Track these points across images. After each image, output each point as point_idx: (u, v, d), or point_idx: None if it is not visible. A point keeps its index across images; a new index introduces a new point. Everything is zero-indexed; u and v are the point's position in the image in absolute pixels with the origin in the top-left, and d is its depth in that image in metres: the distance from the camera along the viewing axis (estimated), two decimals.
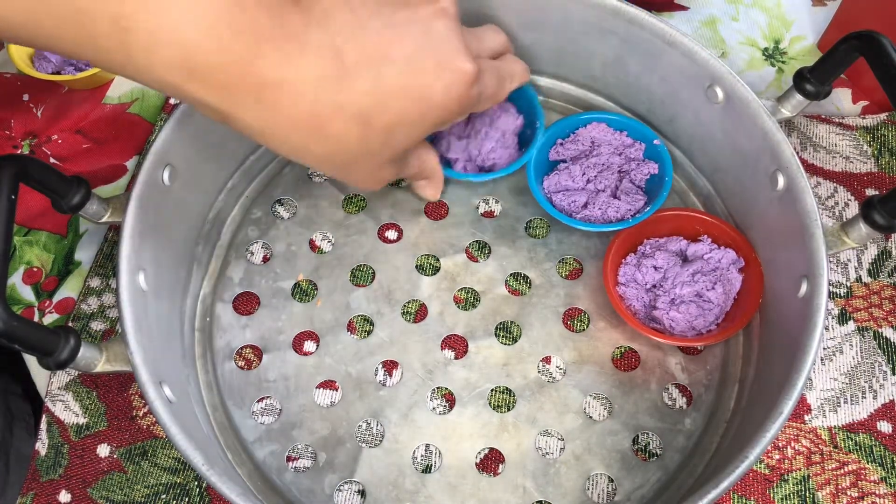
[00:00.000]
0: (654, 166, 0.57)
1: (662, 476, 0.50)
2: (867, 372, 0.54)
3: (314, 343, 0.55)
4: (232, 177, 0.59)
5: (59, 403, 0.54)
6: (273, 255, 0.58)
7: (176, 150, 0.51)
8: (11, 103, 0.67)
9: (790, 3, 0.71)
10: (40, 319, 0.58)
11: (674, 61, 0.54)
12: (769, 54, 0.68)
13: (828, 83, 0.52)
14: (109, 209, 0.50)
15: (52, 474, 0.52)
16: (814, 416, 0.53)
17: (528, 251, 0.58)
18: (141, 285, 0.48)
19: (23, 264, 0.60)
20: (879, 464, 0.51)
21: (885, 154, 0.62)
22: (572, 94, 0.63)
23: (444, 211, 0.60)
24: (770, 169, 0.50)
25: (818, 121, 0.63)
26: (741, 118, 0.52)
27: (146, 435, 0.53)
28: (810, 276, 0.46)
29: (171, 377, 0.47)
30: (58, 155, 0.64)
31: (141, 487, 0.52)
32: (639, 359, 0.54)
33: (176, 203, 0.53)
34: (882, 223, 0.46)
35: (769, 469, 0.51)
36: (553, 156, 0.59)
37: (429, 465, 0.51)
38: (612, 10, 0.54)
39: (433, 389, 0.53)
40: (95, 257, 0.59)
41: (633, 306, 0.54)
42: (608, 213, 0.56)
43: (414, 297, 0.56)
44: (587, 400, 0.52)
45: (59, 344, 0.42)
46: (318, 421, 0.52)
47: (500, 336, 0.55)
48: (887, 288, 0.57)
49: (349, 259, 0.58)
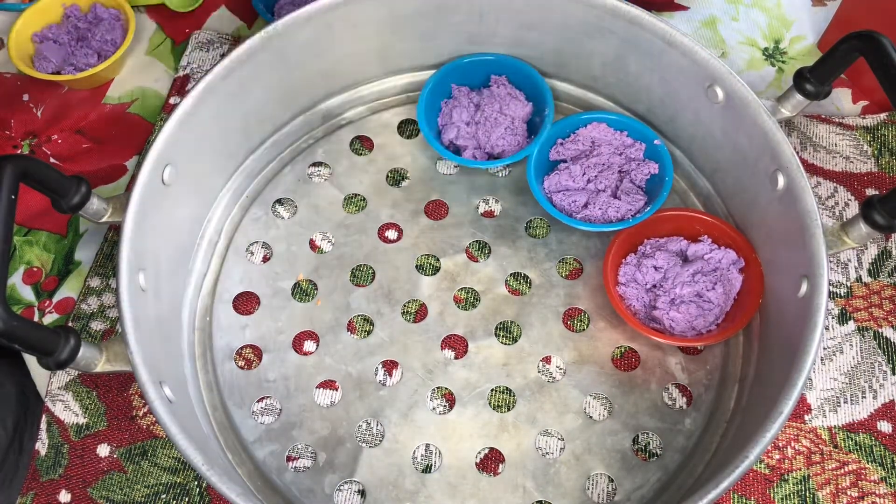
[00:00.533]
0: (654, 166, 0.57)
1: (662, 476, 0.50)
2: (867, 372, 0.54)
3: (314, 343, 0.55)
4: (232, 177, 0.59)
5: (59, 403, 0.54)
6: (273, 255, 0.58)
7: (176, 150, 0.51)
8: (11, 103, 0.67)
9: (790, 3, 0.71)
10: (40, 319, 0.58)
11: (674, 61, 0.54)
12: (769, 54, 0.68)
13: (828, 83, 0.52)
14: (109, 209, 0.50)
15: (52, 474, 0.52)
16: (814, 416, 0.53)
17: (528, 251, 0.58)
18: (141, 285, 0.48)
19: (23, 264, 0.60)
20: (879, 464, 0.51)
21: (885, 154, 0.62)
22: (573, 94, 0.63)
23: (444, 211, 0.60)
24: (770, 169, 0.50)
25: (818, 121, 0.63)
26: (741, 118, 0.52)
27: (146, 435, 0.53)
28: (810, 275, 0.46)
29: (170, 377, 0.47)
30: (58, 155, 0.64)
31: (141, 487, 0.52)
32: (639, 359, 0.54)
33: (176, 203, 0.53)
34: (882, 223, 0.46)
35: (769, 469, 0.51)
36: (553, 155, 0.59)
37: (429, 465, 0.51)
38: (611, 10, 0.54)
39: (433, 389, 0.53)
40: (95, 257, 0.59)
41: (633, 306, 0.54)
42: (608, 212, 0.56)
43: (414, 297, 0.56)
44: (587, 400, 0.52)
45: (59, 344, 0.42)
46: (318, 421, 0.52)
47: (500, 336, 0.55)
48: (887, 288, 0.57)
49: (349, 259, 0.58)
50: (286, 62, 0.56)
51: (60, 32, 0.66)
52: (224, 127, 0.55)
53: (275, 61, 0.55)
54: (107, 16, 0.67)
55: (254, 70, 0.54)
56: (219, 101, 0.53)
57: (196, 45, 0.69)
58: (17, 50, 0.65)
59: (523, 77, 0.61)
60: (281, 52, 0.55)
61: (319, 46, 0.57)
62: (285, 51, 0.55)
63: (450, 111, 0.61)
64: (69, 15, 0.67)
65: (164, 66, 0.69)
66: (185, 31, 0.70)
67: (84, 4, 0.68)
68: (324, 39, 0.57)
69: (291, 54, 0.56)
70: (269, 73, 0.56)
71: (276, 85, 0.57)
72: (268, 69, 0.55)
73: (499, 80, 0.61)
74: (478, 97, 0.61)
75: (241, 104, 0.56)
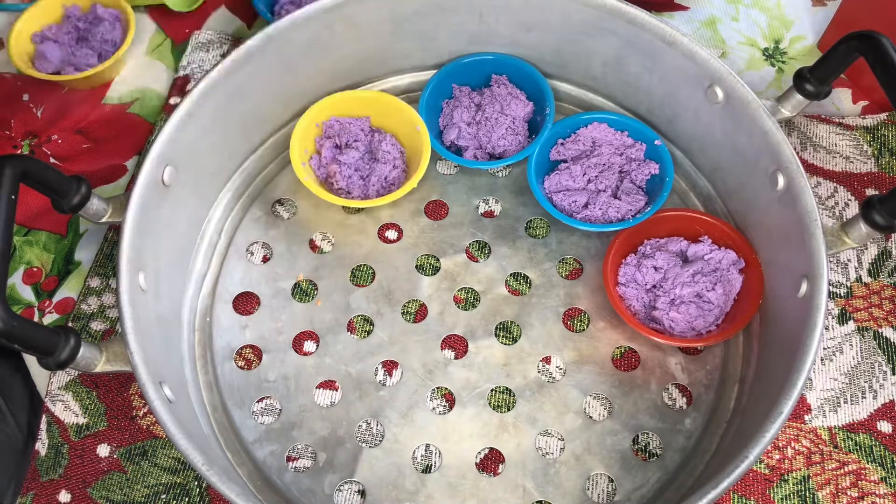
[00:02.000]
0: (654, 166, 0.57)
1: (662, 476, 0.50)
2: (867, 372, 0.54)
3: (314, 343, 0.55)
4: (232, 177, 0.59)
5: (58, 403, 0.54)
6: (273, 255, 0.58)
7: (176, 150, 0.51)
8: (11, 103, 0.67)
9: (790, 3, 0.71)
10: (40, 319, 0.58)
11: (674, 61, 0.54)
12: (769, 54, 0.68)
13: (828, 83, 0.52)
14: (109, 209, 0.50)
15: (51, 474, 0.52)
16: (814, 416, 0.53)
17: (529, 251, 0.58)
18: (141, 285, 0.48)
19: (23, 264, 0.60)
20: (879, 464, 0.51)
21: (885, 154, 0.62)
22: (573, 94, 0.63)
23: (444, 211, 0.60)
24: (770, 169, 0.50)
25: (818, 121, 0.63)
26: (741, 118, 0.52)
27: (146, 435, 0.53)
28: (810, 276, 0.46)
29: (170, 377, 0.47)
30: (58, 155, 0.64)
31: (141, 487, 0.52)
32: (639, 359, 0.54)
33: (176, 203, 0.53)
34: (882, 223, 0.46)
35: (769, 469, 0.51)
36: (554, 156, 0.59)
37: (429, 465, 0.51)
38: (612, 11, 0.54)
39: (433, 389, 0.53)
40: (95, 257, 0.59)
41: (633, 306, 0.54)
42: (609, 213, 0.56)
43: (414, 297, 0.56)
44: (587, 400, 0.52)
45: (59, 344, 0.42)
46: (318, 421, 0.52)
47: (500, 336, 0.55)
48: (887, 288, 0.57)
49: (349, 259, 0.58)
50: (286, 62, 0.56)
51: (60, 32, 0.66)
52: (224, 127, 0.55)
53: (275, 61, 0.55)
54: (107, 16, 0.67)
55: (254, 70, 0.54)
56: (219, 101, 0.53)
57: (196, 45, 0.69)
58: (17, 50, 0.65)
59: (524, 76, 0.61)
60: (281, 52, 0.55)
61: (319, 46, 0.57)
62: (285, 51, 0.55)
63: (451, 111, 0.61)
64: (69, 15, 0.67)
65: (164, 67, 0.69)
66: (185, 31, 0.70)
67: (84, 4, 0.68)
68: (324, 39, 0.57)
69: (291, 54, 0.56)
70: (269, 74, 0.56)
71: (276, 85, 0.57)
72: (268, 69, 0.55)
73: (500, 80, 0.61)
74: (479, 97, 0.61)
75: (241, 104, 0.56)
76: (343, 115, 0.60)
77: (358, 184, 0.58)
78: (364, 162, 0.58)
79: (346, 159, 0.57)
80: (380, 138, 0.59)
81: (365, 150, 0.59)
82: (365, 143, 0.59)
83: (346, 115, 0.60)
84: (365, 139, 0.59)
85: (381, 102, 0.59)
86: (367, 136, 0.59)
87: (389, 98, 0.59)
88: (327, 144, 0.59)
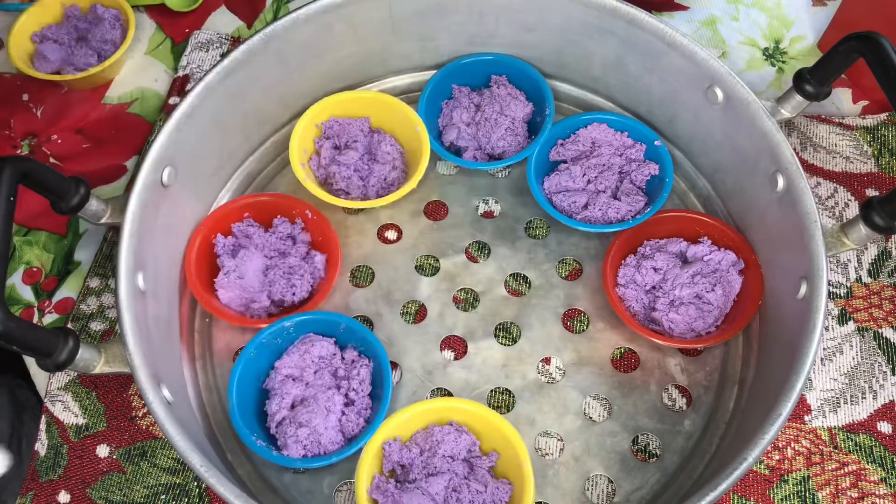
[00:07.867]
0: (654, 167, 0.57)
1: (662, 477, 0.50)
2: (867, 372, 0.54)
3: None
4: (231, 177, 0.59)
5: (58, 404, 0.54)
6: None
7: (175, 150, 0.51)
8: (11, 103, 0.67)
9: (790, 3, 0.71)
10: (40, 319, 0.58)
11: (673, 62, 0.54)
12: (769, 54, 0.68)
13: (828, 84, 0.52)
14: (108, 210, 0.50)
15: (51, 475, 0.52)
16: (814, 417, 0.53)
17: (528, 252, 0.58)
18: (140, 286, 0.48)
19: (23, 264, 0.60)
20: (879, 464, 0.51)
21: (885, 154, 0.62)
22: (573, 94, 0.63)
23: (443, 211, 0.60)
24: (770, 170, 0.50)
25: (818, 121, 0.63)
26: (741, 119, 0.51)
27: (146, 435, 0.53)
28: (810, 277, 0.46)
29: (169, 378, 0.47)
30: (58, 155, 0.64)
31: (140, 488, 0.52)
32: (638, 360, 0.54)
33: (175, 203, 0.53)
34: (882, 224, 0.46)
35: (769, 470, 0.51)
36: (554, 156, 0.59)
37: None
38: (612, 11, 0.54)
39: (432, 390, 0.53)
40: (95, 257, 0.59)
41: (633, 307, 0.54)
42: (608, 213, 0.56)
43: (413, 297, 0.56)
44: (587, 401, 0.52)
45: (58, 345, 0.42)
46: None
47: (500, 337, 0.55)
48: (887, 288, 0.57)
49: (349, 259, 0.58)
50: (286, 63, 0.56)
51: (60, 32, 0.66)
52: (224, 127, 0.55)
53: (274, 62, 0.55)
54: (107, 16, 0.67)
55: (253, 70, 0.54)
56: (218, 101, 0.53)
57: (196, 45, 0.69)
58: (17, 50, 0.65)
59: (524, 77, 0.61)
60: (280, 52, 0.55)
61: (319, 47, 0.57)
62: (285, 51, 0.55)
63: (450, 112, 0.61)
64: (69, 15, 0.67)
65: (164, 66, 0.69)
66: (185, 31, 0.70)
67: (84, 4, 0.68)
68: (324, 40, 0.56)
69: (291, 55, 0.56)
70: (269, 74, 0.56)
71: (275, 85, 0.57)
72: (267, 69, 0.55)
73: (499, 81, 0.61)
74: (478, 97, 0.61)
75: (241, 104, 0.56)
76: (342, 116, 0.60)
77: (357, 184, 0.58)
78: (363, 162, 0.58)
79: (346, 160, 0.57)
80: (379, 139, 0.58)
81: (364, 151, 0.59)
82: (364, 143, 0.59)
83: (345, 115, 0.60)
84: (364, 140, 0.59)
85: (381, 103, 0.59)
86: (366, 137, 0.59)
87: (389, 98, 0.59)
88: (327, 145, 0.59)
